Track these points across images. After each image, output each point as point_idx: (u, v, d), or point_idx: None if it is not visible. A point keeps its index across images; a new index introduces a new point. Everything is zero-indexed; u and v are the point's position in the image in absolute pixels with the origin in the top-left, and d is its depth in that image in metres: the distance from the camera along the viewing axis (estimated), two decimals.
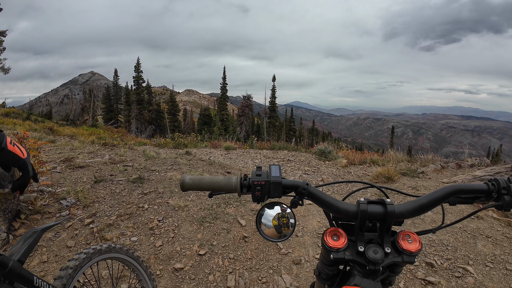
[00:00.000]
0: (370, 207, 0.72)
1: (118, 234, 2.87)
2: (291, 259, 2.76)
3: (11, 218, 2.75)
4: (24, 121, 15.83)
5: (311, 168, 6.58)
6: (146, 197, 3.76)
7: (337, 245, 0.72)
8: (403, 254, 0.70)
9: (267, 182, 0.78)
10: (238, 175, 0.82)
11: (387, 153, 8.02)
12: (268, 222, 0.82)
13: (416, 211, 0.73)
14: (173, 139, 11.69)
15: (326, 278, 0.83)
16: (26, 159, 0.95)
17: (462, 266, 2.60)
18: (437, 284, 2.40)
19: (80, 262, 1.26)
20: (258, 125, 46.65)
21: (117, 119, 40.58)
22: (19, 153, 0.91)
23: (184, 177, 0.84)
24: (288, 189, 0.80)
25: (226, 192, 0.83)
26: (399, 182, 5.04)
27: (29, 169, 0.96)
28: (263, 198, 0.80)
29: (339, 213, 0.76)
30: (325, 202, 0.78)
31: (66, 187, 3.73)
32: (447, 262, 2.68)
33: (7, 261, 0.90)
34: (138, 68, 38.99)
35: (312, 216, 3.59)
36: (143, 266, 1.62)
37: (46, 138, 8.59)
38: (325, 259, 0.79)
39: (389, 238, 0.73)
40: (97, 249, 1.36)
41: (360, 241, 0.73)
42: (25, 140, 3.23)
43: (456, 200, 0.77)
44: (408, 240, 0.71)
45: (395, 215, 0.71)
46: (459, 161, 6.19)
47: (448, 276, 2.50)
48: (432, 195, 0.74)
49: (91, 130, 16.25)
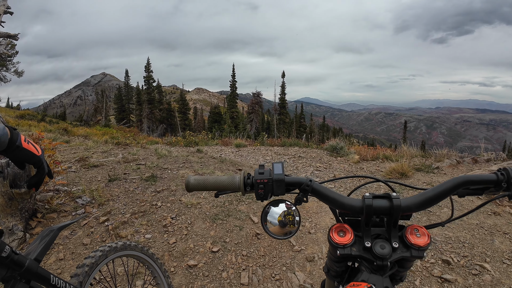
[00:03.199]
0: (375, 201, 0.71)
1: (132, 232, 2.92)
2: (304, 256, 2.74)
3: (27, 217, 2.82)
4: (39, 123, 16.26)
5: (323, 164, 6.53)
6: (159, 195, 3.81)
7: (344, 241, 0.71)
8: (411, 248, 0.69)
9: (269, 180, 0.78)
10: (241, 174, 0.81)
11: (400, 149, 7.88)
12: (273, 220, 0.82)
13: (423, 204, 0.71)
14: (184, 138, 11.80)
15: (335, 275, 0.83)
16: (41, 156, 0.95)
17: (479, 263, 2.54)
18: (454, 281, 2.35)
19: (96, 259, 1.27)
20: (268, 122, 46.56)
21: (129, 118, 41.21)
22: (33, 150, 0.92)
23: (188, 178, 0.85)
24: (291, 186, 0.80)
25: (230, 191, 0.83)
26: (413, 177, 4.95)
27: (44, 166, 0.96)
28: (267, 196, 0.80)
29: (344, 209, 0.75)
30: (330, 198, 0.77)
31: (81, 186, 3.80)
32: (464, 259, 2.62)
33: (23, 260, 0.91)
34: (148, 68, 39.43)
35: (324, 213, 3.56)
36: (158, 263, 1.63)
37: (61, 139, 8.79)
38: (332, 256, 0.78)
39: (396, 232, 0.72)
40: (112, 246, 1.38)
41: (367, 237, 0.72)
42: (40, 140, 3.31)
43: (464, 192, 0.75)
44: (417, 234, 0.70)
45: (402, 209, 0.70)
46: (475, 155, 6.03)
47: (465, 274, 2.44)
48: (439, 187, 0.72)
49: (104, 130, 16.55)
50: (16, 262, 0.88)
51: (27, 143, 0.90)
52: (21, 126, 12.51)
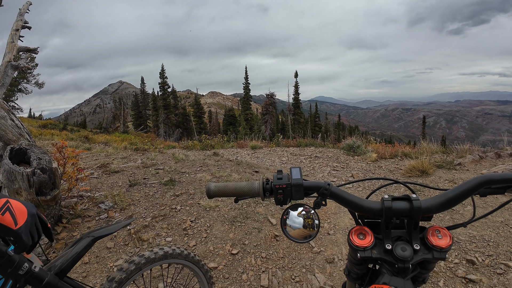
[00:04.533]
0: (395, 203, 0.71)
1: (153, 235, 2.99)
2: (324, 257, 2.73)
3: (53, 223, 2.94)
4: (61, 131, 16.87)
5: (340, 164, 6.46)
6: (178, 199, 3.88)
7: (364, 243, 0.71)
8: (433, 250, 0.68)
9: (288, 185, 0.79)
10: (260, 180, 0.83)
11: (420, 145, 7.68)
12: (293, 224, 0.83)
13: (444, 205, 0.71)
14: (200, 141, 11.95)
15: (356, 278, 0.82)
16: (21, 229, 0.81)
17: (504, 262, 2.45)
18: (478, 282, 2.27)
19: (127, 274, 1.23)
20: (283, 123, 46.45)
21: (146, 124, 42.15)
22: (9, 223, 0.79)
23: (209, 185, 0.88)
24: (310, 191, 0.81)
25: (250, 196, 0.85)
26: (435, 175, 4.82)
27: (23, 240, 0.82)
28: (286, 201, 0.81)
29: (363, 212, 0.75)
30: (348, 201, 0.77)
31: (103, 191, 3.93)
32: (489, 258, 2.53)
33: (43, 275, 0.93)
34: (163, 74, 40.24)
35: (343, 213, 3.53)
36: (203, 270, 1.58)
37: (83, 146, 9.10)
38: (352, 258, 0.78)
39: (417, 234, 0.71)
40: (149, 257, 1.31)
41: (387, 239, 0.71)
42: (64, 149, 3.45)
43: (486, 191, 0.73)
44: (438, 235, 0.69)
45: (422, 211, 0.69)
46: (498, 150, 5.80)
47: (490, 273, 2.36)
48: (460, 188, 0.71)
49: (123, 136, 16.99)
50: (36, 277, 0.91)
51: (2, 215, 0.79)
52: (43, 135, 13.03)
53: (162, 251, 1.37)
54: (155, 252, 1.35)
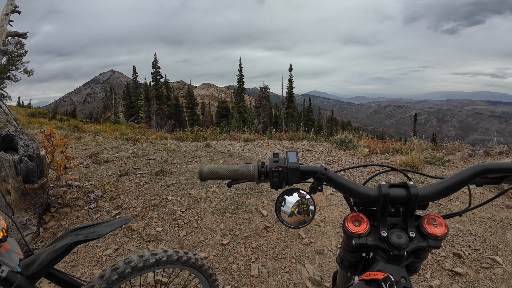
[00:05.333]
0: (392, 190, 0.70)
1: (144, 225, 2.96)
2: (314, 248, 2.75)
3: (41, 212, 2.88)
4: (50, 120, 16.54)
5: (332, 157, 6.50)
6: (169, 189, 3.85)
7: (359, 230, 0.70)
8: (428, 238, 0.68)
9: (284, 168, 0.77)
10: (255, 163, 0.81)
11: (410, 142, 7.77)
12: (287, 209, 0.82)
13: (440, 193, 0.70)
14: (193, 133, 11.87)
15: (349, 266, 0.82)
16: None
17: (490, 256, 2.51)
18: (465, 275, 2.32)
19: (107, 284, 1.06)
20: (276, 116, 46.44)
21: (137, 115, 41.64)
22: None
23: (202, 167, 0.84)
24: (306, 175, 0.79)
25: (244, 180, 0.83)
26: (424, 170, 4.89)
27: None
28: (281, 185, 0.79)
29: (359, 198, 0.74)
30: (345, 187, 0.76)
31: (93, 181, 3.87)
32: (475, 252, 2.59)
33: (13, 279, 0.90)
34: (156, 64, 39.66)
35: (334, 206, 3.55)
36: (206, 274, 1.39)
37: (72, 135, 8.95)
38: (347, 246, 0.78)
39: (413, 222, 0.71)
40: (136, 266, 1.11)
41: (383, 226, 0.71)
42: (52, 137, 3.37)
43: (483, 181, 0.74)
44: (434, 224, 0.69)
45: (419, 198, 0.68)
46: (487, 148, 5.91)
47: (476, 267, 2.41)
48: (457, 176, 0.70)
49: (113, 127, 16.75)
50: (5, 281, 0.89)
51: None
52: (32, 124, 12.75)
53: (154, 258, 1.16)
54: (145, 259, 1.14)
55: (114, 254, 2.54)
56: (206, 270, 1.38)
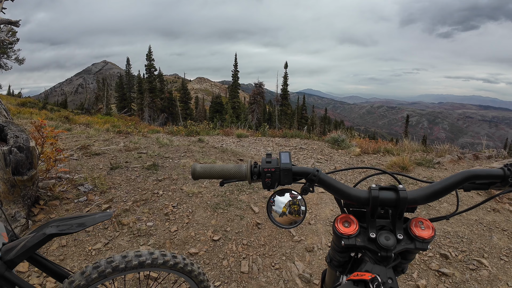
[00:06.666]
0: (382, 193, 0.72)
1: (134, 219, 2.94)
2: (304, 246, 2.77)
3: (30, 204, 2.84)
4: (40, 110, 16.22)
5: (324, 156, 6.54)
6: (161, 184, 3.83)
7: (349, 231, 0.72)
8: (415, 240, 0.69)
9: (277, 169, 0.78)
10: (248, 163, 0.81)
11: (402, 143, 7.87)
12: (279, 209, 0.82)
13: (429, 197, 0.72)
14: (186, 127, 11.79)
15: (338, 265, 0.84)
16: None
17: (477, 258, 2.57)
18: (451, 275, 2.37)
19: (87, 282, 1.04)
20: (270, 113, 46.43)
21: (130, 107, 41.13)
22: None
23: (195, 165, 0.85)
24: (298, 176, 0.80)
25: (237, 180, 0.83)
26: (414, 172, 4.96)
27: None
28: (273, 185, 0.80)
29: (350, 200, 0.76)
30: (336, 189, 0.77)
31: (83, 173, 3.82)
32: (462, 254, 2.65)
33: None
34: (150, 57, 39.17)
35: (324, 204, 3.58)
36: (196, 281, 1.29)
37: (63, 127, 8.80)
38: (336, 246, 0.79)
39: (401, 224, 0.72)
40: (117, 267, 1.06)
41: (372, 228, 0.72)
42: (42, 128, 3.31)
43: (470, 186, 0.76)
44: (421, 226, 0.71)
45: (408, 201, 0.70)
46: (476, 152, 6.02)
47: (463, 268, 2.47)
48: (446, 181, 0.72)
49: (105, 119, 16.52)
50: None
51: None
52: (22, 114, 12.48)
53: (137, 260, 1.09)
54: (128, 261, 1.08)
55: (104, 248, 2.52)
56: (196, 276, 1.27)
